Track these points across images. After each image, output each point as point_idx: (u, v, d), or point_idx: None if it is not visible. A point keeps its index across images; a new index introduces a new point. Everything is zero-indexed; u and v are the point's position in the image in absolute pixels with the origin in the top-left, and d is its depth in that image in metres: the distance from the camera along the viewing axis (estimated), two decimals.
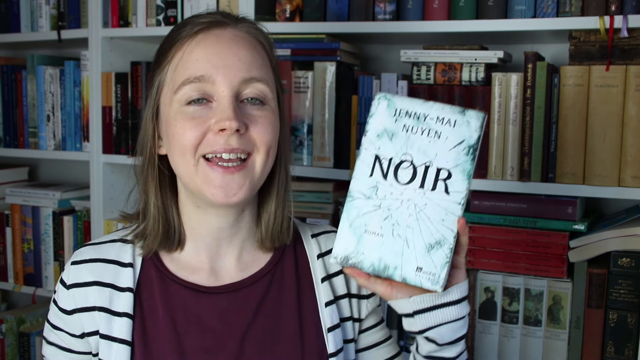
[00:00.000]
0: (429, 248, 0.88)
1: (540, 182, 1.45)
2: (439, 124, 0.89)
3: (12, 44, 2.13)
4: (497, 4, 1.46)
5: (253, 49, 0.97)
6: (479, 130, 0.88)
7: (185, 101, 0.93)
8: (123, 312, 0.98)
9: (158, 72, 0.98)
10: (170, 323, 0.98)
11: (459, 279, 0.91)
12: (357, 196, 0.91)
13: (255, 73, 0.95)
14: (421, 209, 0.89)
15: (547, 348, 1.49)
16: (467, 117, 0.88)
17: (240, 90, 0.94)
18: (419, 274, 0.88)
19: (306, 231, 1.10)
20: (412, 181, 0.89)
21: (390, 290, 0.91)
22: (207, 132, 0.92)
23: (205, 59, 0.93)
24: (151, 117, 0.98)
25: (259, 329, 0.99)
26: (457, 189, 0.88)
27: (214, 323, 0.98)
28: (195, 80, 0.92)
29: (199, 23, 0.96)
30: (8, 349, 2.17)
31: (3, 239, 2.15)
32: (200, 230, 1.01)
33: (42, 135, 2.03)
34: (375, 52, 1.85)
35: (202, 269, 1.02)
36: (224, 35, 0.95)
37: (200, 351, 0.97)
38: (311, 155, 1.65)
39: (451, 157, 0.88)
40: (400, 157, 0.90)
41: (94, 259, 1.01)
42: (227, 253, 1.03)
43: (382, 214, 0.90)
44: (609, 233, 1.41)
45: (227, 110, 0.91)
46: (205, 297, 1.00)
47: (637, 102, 1.37)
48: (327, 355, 1.00)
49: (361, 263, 0.90)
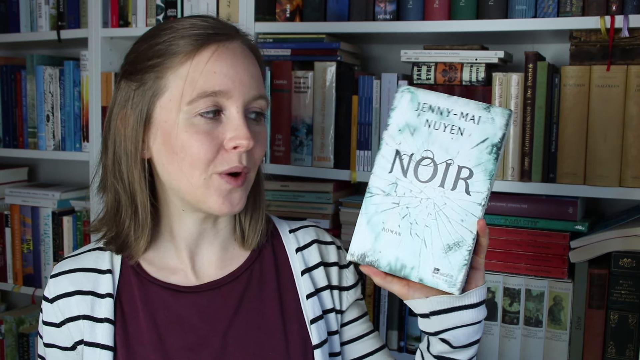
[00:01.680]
0: (447, 249, 0.86)
1: (541, 182, 1.45)
2: (462, 120, 0.87)
3: (12, 44, 2.12)
4: (497, 4, 1.46)
5: (257, 64, 0.99)
6: (503, 128, 0.85)
7: (197, 113, 0.92)
8: (104, 318, 0.98)
9: (152, 76, 0.93)
10: (151, 325, 0.98)
11: (478, 281, 0.89)
12: (375, 192, 0.89)
13: (261, 90, 0.97)
14: (440, 209, 0.86)
15: (547, 349, 1.48)
16: (492, 113, 0.86)
17: (249, 106, 0.95)
18: (436, 275, 0.86)
19: (284, 227, 1.11)
20: (433, 179, 0.87)
21: (407, 290, 0.90)
22: (220, 149, 0.92)
23: (222, 72, 0.92)
24: (137, 121, 0.95)
25: (241, 324, 1.00)
26: (478, 189, 0.85)
27: (195, 321, 0.99)
28: (211, 94, 0.91)
29: (204, 34, 0.93)
30: (7, 350, 2.17)
31: (2, 239, 2.14)
32: (181, 232, 1.01)
33: (41, 135, 2.02)
34: (375, 52, 1.84)
35: (182, 270, 1.02)
36: (236, 50, 0.95)
37: (183, 350, 0.97)
38: (311, 155, 1.65)
39: (473, 156, 0.86)
40: (421, 154, 0.88)
41: (73, 269, 1.02)
42: (206, 253, 1.03)
43: (401, 212, 0.88)
44: (609, 233, 1.41)
45: (242, 129, 0.92)
46: (185, 297, 1.00)
47: (637, 102, 1.37)
48: (311, 346, 1.01)
49: (378, 262, 0.88)
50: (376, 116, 1.58)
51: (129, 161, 0.97)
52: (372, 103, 1.58)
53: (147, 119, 0.95)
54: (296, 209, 1.69)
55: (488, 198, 0.87)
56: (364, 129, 1.59)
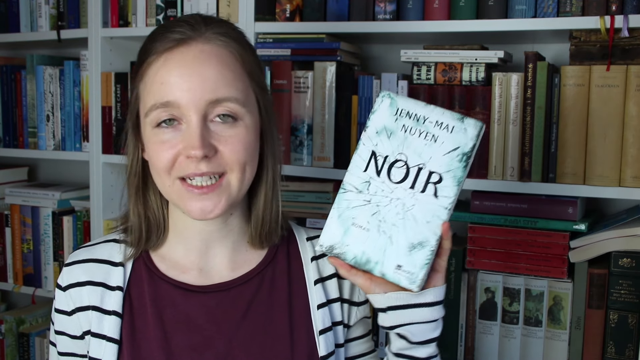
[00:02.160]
0: (411, 248, 0.90)
1: (540, 182, 1.45)
2: (437, 128, 0.91)
3: (12, 44, 2.12)
4: (497, 3, 1.46)
5: (220, 64, 0.93)
6: (474, 139, 0.90)
7: (155, 123, 0.94)
8: (112, 311, 0.99)
9: (135, 82, 0.98)
10: (158, 321, 0.99)
11: (437, 282, 0.93)
12: (349, 189, 0.94)
13: (222, 92, 0.92)
14: (409, 209, 0.91)
15: (547, 348, 1.49)
16: (465, 124, 0.90)
17: (208, 111, 0.93)
18: (397, 271, 0.90)
19: (302, 234, 1.10)
20: (404, 181, 0.91)
21: (369, 283, 0.93)
22: (179, 155, 0.93)
23: (169, 82, 0.92)
24: (132, 125, 1.00)
25: (248, 329, 1.00)
26: (446, 194, 0.90)
27: (202, 322, 0.99)
28: (161, 105, 0.92)
29: (168, 40, 0.93)
30: (7, 350, 2.17)
31: (2, 239, 2.14)
32: (189, 232, 1.02)
33: (41, 135, 2.02)
34: (375, 52, 1.84)
35: (193, 269, 1.02)
36: (188, 54, 0.92)
37: (187, 349, 0.98)
38: (311, 155, 1.65)
39: (444, 162, 0.90)
40: (395, 156, 0.92)
41: (87, 260, 1.03)
42: (217, 253, 1.03)
43: (371, 209, 0.92)
44: (609, 233, 1.41)
45: (193, 138, 0.91)
46: (194, 296, 1.00)
47: (637, 102, 1.37)
48: (317, 357, 1.00)
49: (345, 254, 0.93)
50: None
51: (132, 163, 1.01)
52: (372, 103, 1.58)
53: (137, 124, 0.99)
54: (296, 208, 1.69)
55: (454, 203, 0.91)
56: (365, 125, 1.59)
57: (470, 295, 1.54)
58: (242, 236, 1.05)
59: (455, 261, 1.54)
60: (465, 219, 1.53)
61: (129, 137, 1.01)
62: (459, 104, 1.50)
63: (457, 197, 0.90)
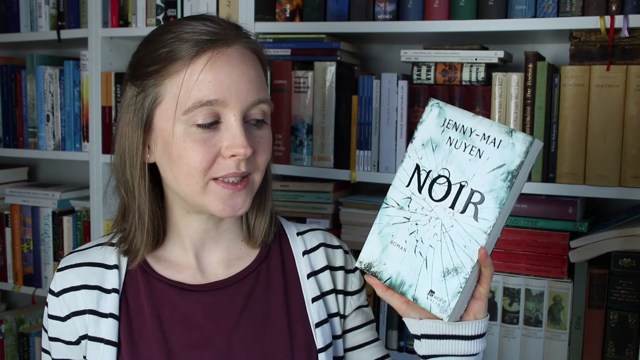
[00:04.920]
0: (445, 273, 0.85)
1: (540, 182, 1.45)
2: (483, 142, 0.84)
3: (12, 44, 2.12)
4: (497, 3, 1.46)
5: (257, 68, 0.96)
6: (522, 156, 0.82)
7: (194, 122, 0.92)
8: (109, 313, 0.99)
9: (151, 83, 0.94)
10: (156, 322, 0.98)
11: (478, 313, 0.88)
12: (391, 204, 0.90)
13: (262, 95, 0.95)
14: (447, 230, 0.85)
15: (547, 348, 1.49)
16: (514, 139, 0.82)
17: (248, 112, 0.94)
18: (430, 297, 0.85)
19: (292, 229, 1.10)
20: (445, 199, 0.86)
21: (405, 307, 0.91)
22: (218, 156, 0.92)
23: (218, 81, 0.91)
24: (138, 126, 0.96)
25: (246, 325, 1.00)
26: (486, 216, 0.83)
27: (200, 320, 0.99)
28: (207, 103, 0.91)
29: (202, 40, 0.92)
30: (7, 350, 2.17)
31: (2, 239, 2.14)
32: (187, 232, 1.02)
33: (41, 135, 2.02)
34: (375, 52, 1.84)
35: (189, 268, 1.02)
36: (233, 55, 0.93)
37: (187, 348, 0.97)
38: (311, 155, 1.65)
39: (487, 181, 0.83)
40: (438, 172, 0.87)
41: (80, 264, 1.02)
42: (213, 252, 1.04)
43: (410, 228, 0.88)
44: (609, 233, 1.41)
45: (240, 137, 0.91)
46: (191, 295, 1.00)
47: (637, 102, 1.37)
48: (315, 350, 1.01)
49: (381, 273, 0.89)
50: (376, 116, 1.58)
51: (132, 165, 0.98)
52: (372, 103, 1.58)
53: (148, 125, 0.96)
54: (296, 209, 1.69)
55: (498, 228, 0.84)
56: (364, 129, 1.59)
57: None
58: (236, 235, 1.05)
59: None
60: None
61: (131, 139, 0.97)
62: (459, 104, 1.50)
63: (502, 221, 0.83)
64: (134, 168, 0.98)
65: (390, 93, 1.56)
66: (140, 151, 0.97)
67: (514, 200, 0.85)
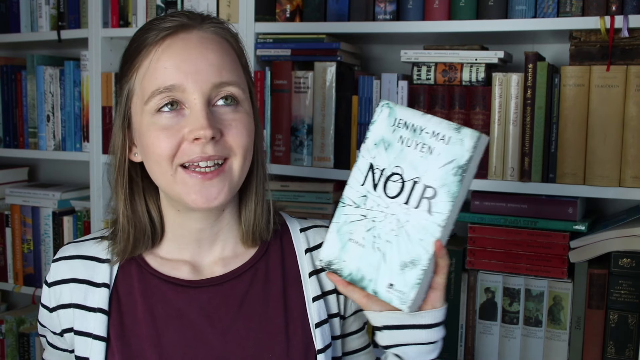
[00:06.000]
0: (403, 266, 0.87)
1: (540, 182, 1.45)
2: (433, 139, 0.87)
3: (12, 44, 2.12)
4: (497, 4, 1.46)
5: (222, 51, 0.95)
6: (471, 151, 0.85)
7: (156, 110, 0.92)
8: (97, 308, 0.98)
9: (126, 80, 0.96)
10: (149, 318, 0.98)
11: (436, 302, 0.90)
12: (347, 203, 0.93)
13: (226, 76, 0.93)
14: (403, 225, 0.88)
15: (547, 348, 1.49)
16: (462, 135, 0.85)
17: (212, 95, 0.93)
18: (390, 290, 0.88)
19: (294, 225, 1.09)
20: (399, 195, 0.89)
21: (367, 300, 0.92)
22: (182, 141, 0.92)
23: (173, 66, 0.91)
24: (121, 125, 0.98)
25: (242, 323, 0.99)
26: (439, 210, 0.86)
27: (195, 317, 0.98)
28: (165, 90, 0.91)
29: (164, 28, 0.93)
30: (8, 350, 2.17)
31: (3, 239, 2.14)
32: (181, 231, 1.02)
33: (42, 135, 2.03)
34: (375, 52, 1.84)
35: (184, 265, 1.02)
36: (191, 39, 0.93)
37: (180, 345, 0.97)
38: (311, 155, 1.65)
39: (439, 176, 0.86)
40: (392, 169, 0.89)
41: (73, 256, 1.03)
42: (209, 251, 1.03)
43: (367, 225, 0.90)
44: (609, 233, 1.41)
45: (200, 119, 0.90)
46: (186, 291, 1.00)
47: (637, 102, 1.37)
48: (314, 350, 1.00)
49: (341, 270, 0.92)
50: None
51: (117, 165, 1.00)
52: (372, 103, 1.58)
53: (128, 123, 0.98)
54: (296, 209, 1.69)
55: (451, 220, 0.87)
56: (364, 129, 1.59)
57: (470, 296, 1.54)
58: (233, 233, 1.04)
59: (455, 261, 1.54)
60: (465, 219, 1.54)
61: (116, 136, 0.99)
62: (459, 104, 1.51)
63: (455, 214, 0.87)
64: (119, 168, 0.99)
65: (390, 93, 1.56)
66: (120, 149, 0.98)
67: (465, 193, 0.88)
